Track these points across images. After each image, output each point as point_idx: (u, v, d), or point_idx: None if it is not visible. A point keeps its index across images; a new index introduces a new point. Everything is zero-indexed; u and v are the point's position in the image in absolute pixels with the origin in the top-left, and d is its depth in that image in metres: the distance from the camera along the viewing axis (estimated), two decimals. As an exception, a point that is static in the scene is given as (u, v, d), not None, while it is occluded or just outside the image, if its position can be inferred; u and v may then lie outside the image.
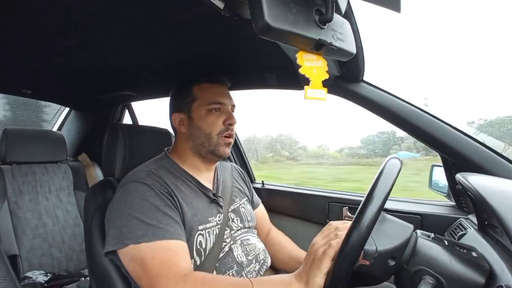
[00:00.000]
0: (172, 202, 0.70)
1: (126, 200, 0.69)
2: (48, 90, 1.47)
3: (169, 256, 0.62)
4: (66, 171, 1.57)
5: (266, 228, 1.03)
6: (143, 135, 0.97)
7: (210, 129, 0.80)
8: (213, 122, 0.80)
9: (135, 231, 0.63)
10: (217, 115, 0.81)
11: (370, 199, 0.49)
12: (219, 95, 0.82)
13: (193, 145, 0.82)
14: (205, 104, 0.81)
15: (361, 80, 0.97)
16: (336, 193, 1.28)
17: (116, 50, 0.91)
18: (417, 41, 3.58)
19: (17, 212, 1.35)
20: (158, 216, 0.66)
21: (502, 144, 1.00)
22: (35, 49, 0.89)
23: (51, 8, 0.64)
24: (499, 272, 0.53)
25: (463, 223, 0.88)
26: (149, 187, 0.70)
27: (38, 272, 1.29)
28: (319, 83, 0.52)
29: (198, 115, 0.81)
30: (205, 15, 0.64)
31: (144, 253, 0.62)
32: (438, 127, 0.91)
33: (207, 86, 0.83)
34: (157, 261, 0.61)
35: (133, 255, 0.63)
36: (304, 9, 0.45)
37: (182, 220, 0.71)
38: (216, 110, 0.81)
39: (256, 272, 0.81)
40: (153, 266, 0.61)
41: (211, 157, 0.83)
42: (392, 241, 0.54)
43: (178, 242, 0.65)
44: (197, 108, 0.81)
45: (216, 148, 0.80)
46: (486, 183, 0.70)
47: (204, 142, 0.80)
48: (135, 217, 0.65)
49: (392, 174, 0.51)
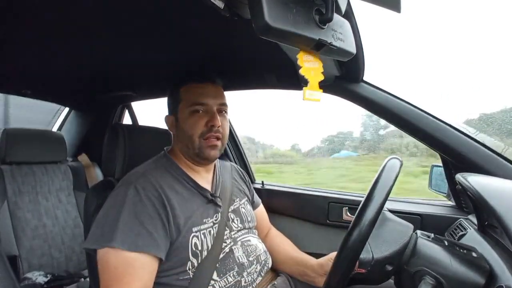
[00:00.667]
0: (156, 210, 0.68)
1: (114, 201, 0.69)
2: (48, 90, 1.47)
3: (128, 273, 0.63)
4: (66, 172, 1.56)
5: (265, 228, 1.03)
6: (143, 136, 0.97)
7: (192, 131, 0.78)
8: (195, 124, 0.78)
9: (111, 234, 0.64)
10: (199, 117, 0.78)
11: (369, 200, 0.49)
12: (202, 95, 0.79)
13: (181, 147, 0.82)
14: (188, 106, 0.79)
15: (361, 80, 0.97)
16: (336, 193, 1.28)
17: (116, 50, 0.91)
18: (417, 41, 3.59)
19: (17, 213, 1.34)
20: (132, 224, 0.65)
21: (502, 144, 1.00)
22: (35, 49, 0.89)
23: (51, 8, 0.64)
24: (499, 272, 0.53)
25: (463, 224, 0.88)
26: (137, 192, 0.69)
27: (38, 273, 1.28)
28: (316, 84, 0.52)
29: (182, 117, 0.80)
30: (205, 15, 0.64)
31: (111, 258, 0.63)
32: (438, 127, 0.91)
33: (192, 86, 0.81)
34: (118, 272, 0.63)
35: (103, 256, 0.64)
36: (304, 9, 0.45)
37: (169, 227, 0.69)
38: (199, 111, 0.78)
39: (257, 273, 0.80)
40: (111, 275, 0.63)
41: (198, 159, 0.81)
42: (390, 247, 0.54)
43: (142, 257, 0.64)
44: (182, 109, 0.80)
45: (201, 151, 0.78)
46: (486, 183, 0.70)
47: (188, 144, 0.79)
48: (112, 218, 0.66)
49: (391, 174, 0.51)
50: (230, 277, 0.74)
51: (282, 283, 0.86)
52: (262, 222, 1.01)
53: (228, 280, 0.74)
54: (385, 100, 0.96)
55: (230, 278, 0.74)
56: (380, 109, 0.97)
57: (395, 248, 0.53)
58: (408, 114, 0.94)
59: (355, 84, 0.98)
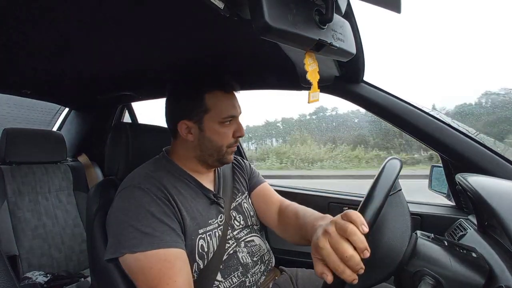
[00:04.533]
0: (169, 208, 0.68)
1: (122, 207, 0.67)
2: (48, 90, 1.47)
3: (166, 268, 0.60)
4: (66, 172, 1.56)
5: (276, 203, 0.92)
6: (146, 134, 0.96)
7: (222, 142, 0.78)
8: (225, 135, 0.78)
9: (130, 240, 0.62)
10: (229, 128, 0.79)
11: (369, 200, 0.49)
12: (233, 108, 0.79)
13: (201, 154, 0.79)
14: (218, 117, 0.77)
15: (361, 80, 0.97)
16: (336, 193, 1.28)
17: (116, 50, 0.90)
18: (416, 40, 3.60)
19: (17, 213, 1.34)
20: (153, 223, 0.64)
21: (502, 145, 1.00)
22: (35, 49, 0.89)
23: (51, 8, 0.64)
24: (499, 272, 0.53)
25: (463, 224, 0.88)
26: (145, 192, 0.68)
27: (38, 272, 1.28)
28: (316, 85, 0.52)
29: (210, 128, 0.77)
30: (205, 15, 0.64)
31: (141, 262, 0.61)
32: (437, 128, 0.91)
33: (221, 95, 0.77)
34: (155, 271, 0.60)
35: (130, 264, 0.62)
36: (304, 10, 0.45)
37: (181, 226, 0.69)
38: (228, 122, 0.79)
39: (261, 273, 0.80)
40: (150, 276, 0.60)
41: (217, 164, 0.83)
42: (375, 275, 0.52)
43: (175, 251, 0.63)
44: (209, 120, 0.77)
45: (224, 157, 0.80)
46: (485, 183, 0.70)
47: (214, 154, 0.79)
48: (130, 224, 0.63)
49: (391, 174, 0.51)
50: (235, 278, 0.74)
51: (285, 281, 0.86)
52: (270, 199, 0.93)
53: (233, 280, 0.74)
54: (385, 100, 0.96)
55: (234, 279, 0.74)
56: (380, 109, 0.97)
57: (381, 276, 0.52)
58: (408, 114, 0.94)
59: (355, 84, 0.98)
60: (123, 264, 0.64)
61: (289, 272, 0.91)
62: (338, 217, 0.50)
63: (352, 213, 0.47)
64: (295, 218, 0.82)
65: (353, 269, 0.45)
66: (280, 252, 1.25)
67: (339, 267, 0.45)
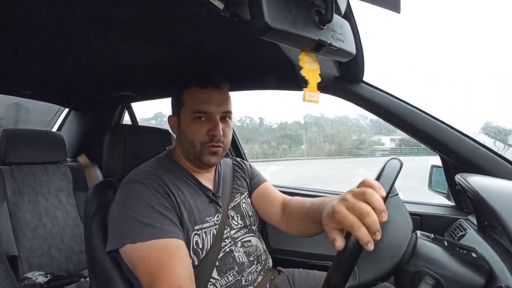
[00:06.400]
0: (168, 201, 0.70)
1: (124, 199, 0.69)
2: (48, 90, 1.47)
3: (165, 256, 0.61)
4: (66, 172, 1.56)
5: (278, 199, 0.92)
6: (144, 136, 0.97)
7: (194, 137, 0.77)
8: (196, 131, 0.77)
9: (131, 231, 0.64)
10: (201, 124, 0.77)
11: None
12: (205, 103, 0.77)
13: (183, 150, 0.82)
14: (190, 112, 0.78)
15: (361, 80, 0.97)
16: (336, 193, 1.28)
17: (116, 50, 0.91)
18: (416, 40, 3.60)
19: (17, 213, 1.34)
20: (153, 215, 0.66)
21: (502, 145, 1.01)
22: (35, 50, 0.89)
23: (50, 8, 0.64)
24: (499, 272, 0.53)
25: (463, 224, 0.88)
26: (146, 186, 0.70)
27: (38, 272, 1.28)
28: (315, 85, 0.52)
29: (184, 121, 0.79)
30: (205, 15, 0.64)
31: (141, 252, 0.62)
32: (437, 128, 0.91)
33: (195, 91, 0.78)
34: (154, 260, 0.61)
35: (131, 254, 0.63)
36: (304, 10, 0.45)
37: (180, 220, 0.71)
38: (201, 118, 0.77)
39: (257, 272, 0.81)
40: (150, 264, 0.61)
41: (198, 163, 0.81)
42: (376, 270, 0.52)
43: (174, 241, 0.65)
44: (184, 114, 0.79)
45: (201, 156, 0.78)
46: (485, 183, 0.70)
47: (190, 149, 0.79)
48: (131, 216, 0.65)
49: (391, 175, 0.51)
50: (231, 276, 0.75)
51: (282, 282, 0.87)
52: (272, 196, 0.93)
53: (229, 279, 0.75)
54: (385, 100, 0.96)
55: (230, 277, 0.75)
56: (380, 109, 0.97)
57: (381, 272, 0.52)
58: (408, 114, 0.94)
59: (355, 84, 0.98)
60: (123, 255, 0.65)
61: (286, 272, 0.91)
62: (353, 187, 0.50)
63: (369, 180, 0.48)
64: (301, 206, 0.81)
65: (370, 228, 0.43)
66: (279, 252, 1.25)
67: (355, 223, 0.43)
